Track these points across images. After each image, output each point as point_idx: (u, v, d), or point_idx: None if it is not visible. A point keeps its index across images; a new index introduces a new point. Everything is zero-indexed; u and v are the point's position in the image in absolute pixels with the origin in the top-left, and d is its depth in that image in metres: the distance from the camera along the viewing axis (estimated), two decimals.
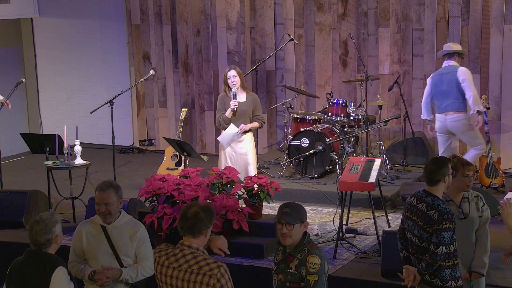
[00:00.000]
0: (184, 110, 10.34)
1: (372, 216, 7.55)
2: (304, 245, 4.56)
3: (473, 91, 8.74)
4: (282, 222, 4.57)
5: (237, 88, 8.22)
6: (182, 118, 10.17)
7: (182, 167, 9.13)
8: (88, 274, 5.31)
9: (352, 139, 9.79)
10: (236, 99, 8.19)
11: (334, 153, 9.46)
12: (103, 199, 5.31)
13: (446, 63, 8.94)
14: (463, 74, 8.77)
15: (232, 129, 8.25)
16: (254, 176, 7.79)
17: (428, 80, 9.11)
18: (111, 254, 5.34)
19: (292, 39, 10.65)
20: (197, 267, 4.35)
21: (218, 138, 8.44)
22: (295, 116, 10.06)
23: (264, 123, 8.59)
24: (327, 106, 10.18)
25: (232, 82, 8.19)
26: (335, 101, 9.93)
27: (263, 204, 7.68)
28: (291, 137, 9.82)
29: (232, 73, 8.19)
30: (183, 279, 4.36)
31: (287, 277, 4.55)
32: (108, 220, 5.35)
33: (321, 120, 9.98)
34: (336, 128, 9.76)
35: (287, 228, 4.54)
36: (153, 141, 12.27)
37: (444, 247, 5.02)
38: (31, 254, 4.88)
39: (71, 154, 8.48)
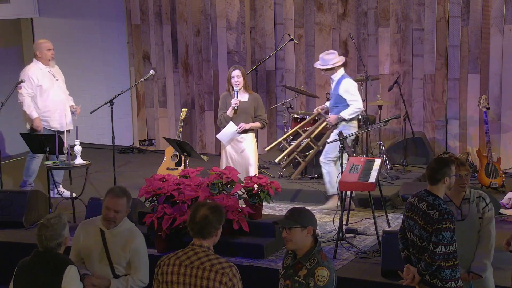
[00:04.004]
0: (184, 110, 10.33)
1: (372, 216, 7.56)
2: (314, 254, 4.49)
3: None
4: (281, 226, 4.55)
5: (240, 88, 8.29)
6: (182, 118, 10.16)
7: (182, 167, 9.13)
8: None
9: (352, 139, 9.77)
10: (238, 98, 8.27)
11: None
12: (115, 205, 5.25)
13: None
14: None
15: (230, 127, 8.27)
16: (254, 176, 7.79)
17: None
18: (105, 259, 5.30)
19: (292, 39, 10.65)
20: (209, 264, 4.36)
21: (217, 136, 8.47)
22: (295, 116, 10.05)
23: (266, 123, 8.62)
24: None
25: (235, 81, 8.28)
26: None
27: (263, 204, 7.69)
28: (291, 137, 9.81)
29: (236, 72, 8.29)
30: (196, 276, 4.35)
31: (294, 284, 4.49)
32: (110, 227, 5.32)
33: None
34: None
35: (287, 232, 4.51)
36: (153, 141, 12.27)
37: (443, 246, 5.02)
38: (41, 254, 4.86)
39: (71, 154, 8.47)
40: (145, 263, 5.38)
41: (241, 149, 8.37)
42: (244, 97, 8.35)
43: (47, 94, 9.35)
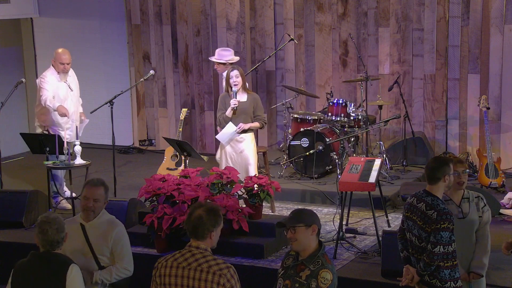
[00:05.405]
0: (184, 110, 10.33)
1: (372, 216, 7.56)
2: (319, 257, 4.49)
3: None
4: (286, 226, 4.55)
5: (238, 88, 8.28)
6: (182, 118, 10.16)
7: (182, 167, 9.13)
8: None
9: (352, 139, 9.79)
10: (236, 98, 8.25)
11: (334, 153, 9.46)
12: (93, 194, 5.40)
13: None
14: None
15: (229, 127, 8.26)
16: (254, 176, 7.80)
17: None
18: (89, 253, 5.39)
19: (292, 39, 10.65)
20: (206, 265, 4.35)
21: (216, 137, 8.46)
22: (295, 116, 10.06)
23: (265, 123, 8.60)
24: (327, 106, 10.18)
25: (233, 81, 8.25)
26: (335, 101, 9.93)
27: (263, 204, 7.69)
28: (291, 137, 9.82)
29: (234, 73, 8.26)
30: (194, 278, 4.34)
31: (294, 285, 4.48)
32: (90, 217, 5.42)
33: (321, 120, 9.98)
34: (336, 128, 9.76)
35: (292, 232, 4.52)
36: (153, 141, 12.27)
37: (441, 246, 5.02)
38: (40, 256, 4.83)
39: (71, 154, 8.47)
40: (127, 251, 5.47)
41: (241, 149, 8.37)
42: (243, 97, 8.33)
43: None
